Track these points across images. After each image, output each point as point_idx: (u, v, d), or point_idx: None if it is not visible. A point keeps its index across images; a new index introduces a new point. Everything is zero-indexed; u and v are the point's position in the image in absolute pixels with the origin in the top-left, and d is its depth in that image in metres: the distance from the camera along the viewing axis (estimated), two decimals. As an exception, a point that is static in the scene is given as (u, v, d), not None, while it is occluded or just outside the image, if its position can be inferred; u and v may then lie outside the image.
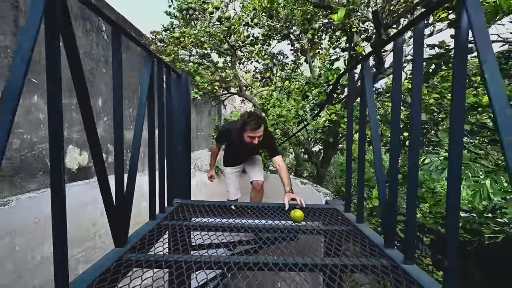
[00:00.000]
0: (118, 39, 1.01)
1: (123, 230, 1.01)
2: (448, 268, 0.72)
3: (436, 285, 0.77)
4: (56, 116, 0.67)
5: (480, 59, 0.61)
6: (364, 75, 1.25)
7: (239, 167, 2.23)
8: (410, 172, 0.89)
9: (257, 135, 1.75)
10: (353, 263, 0.95)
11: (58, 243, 0.66)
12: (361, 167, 1.34)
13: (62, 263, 0.66)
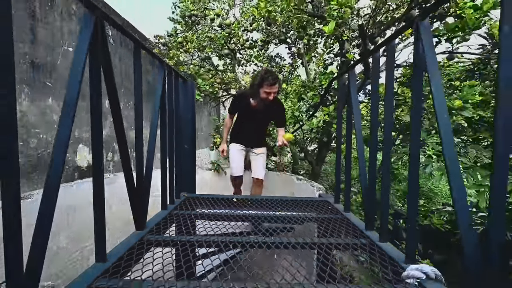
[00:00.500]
0: (138, 52, 1.18)
1: (142, 216, 1.19)
2: (409, 242, 0.91)
3: (401, 255, 0.95)
4: (97, 138, 0.84)
5: (429, 75, 0.79)
6: (350, 82, 1.44)
7: (245, 148, 2.21)
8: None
9: (273, 91, 1.85)
10: (338, 242, 1.13)
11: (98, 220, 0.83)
12: (348, 164, 1.53)
13: (100, 234, 0.84)
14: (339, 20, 1.56)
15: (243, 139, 2.19)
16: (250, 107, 2.02)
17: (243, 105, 2.06)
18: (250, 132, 2.15)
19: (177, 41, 3.12)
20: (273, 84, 1.84)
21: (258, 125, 2.15)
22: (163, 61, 1.41)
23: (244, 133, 2.17)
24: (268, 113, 2.02)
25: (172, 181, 1.61)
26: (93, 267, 0.85)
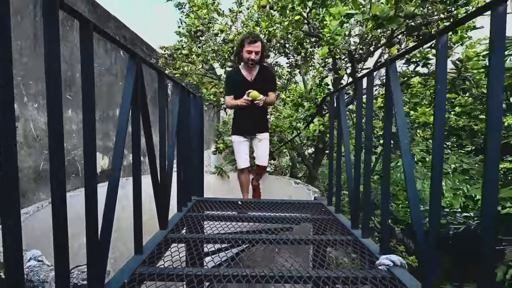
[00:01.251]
0: (163, 80, 1.40)
1: (165, 218, 1.42)
2: (383, 238, 1.14)
3: (378, 248, 1.19)
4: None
5: (396, 109, 1.03)
6: (340, 101, 1.67)
7: (248, 138, 2.16)
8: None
9: (255, 49, 1.85)
10: (328, 239, 1.37)
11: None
12: (338, 171, 1.77)
13: (137, 230, 1.06)
14: (331, 46, 1.80)
15: (245, 126, 2.11)
16: (244, 81, 1.99)
17: (237, 81, 2.01)
18: (251, 112, 2.02)
19: (182, 53, 3.34)
20: (253, 41, 1.85)
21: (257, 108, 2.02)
22: (177, 83, 1.64)
23: (244, 116, 2.07)
24: (262, 82, 1.99)
25: (186, 186, 1.84)
26: (133, 259, 1.07)
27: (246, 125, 2.11)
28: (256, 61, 1.92)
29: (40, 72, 2.23)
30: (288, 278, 0.99)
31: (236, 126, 2.18)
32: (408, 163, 0.99)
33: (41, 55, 2.22)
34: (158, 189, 1.32)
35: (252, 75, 2.01)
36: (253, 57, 1.88)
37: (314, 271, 1.04)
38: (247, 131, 2.14)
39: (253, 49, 1.86)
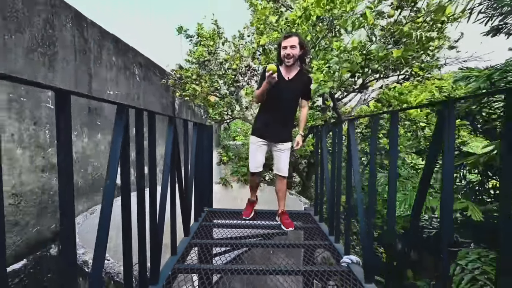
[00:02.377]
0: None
1: (188, 227, 1.88)
2: (346, 243, 1.61)
3: (344, 250, 1.65)
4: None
5: (352, 156, 1.50)
6: (322, 136, 2.14)
7: (267, 143, 1.98)
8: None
9: (290, 44, 1.74)
10: (313, 244, 1.83)
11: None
12: (321, 190, 2.23)
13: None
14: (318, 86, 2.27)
15: (268, 130, 1.93)
16: (280, 78, 1.81)
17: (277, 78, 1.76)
18: (277, 116, 1.89)
19: (191, 77, 3.82)
20: (288, 36, 1.76)
21: (286, 104, 1.87)
22: (196, 123, 2.10)
23: (269, 119, 1.91)
24: (299, 84, 1.84)
25: (201, 200, 2.30)
26: (171, 258, 1.53)
27: (269, 129, 1.94)
28: (293, 57, 1.77)
29: (76, 105, 2.69)
30: (284, 271, 1.45)
31: (258, 127, 1.98)
32: (359, 196, 1.45)
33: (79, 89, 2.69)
34: (184, 205, 1.78)
35: (290, 74, 1.85)
36: (288, 51, 1.75)
37: (303, 267, 1.50)
38: (269, 136, 1.96)
39: (288, 44, 1.75)
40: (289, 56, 1.76)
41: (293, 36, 1.77)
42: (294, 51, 1.76)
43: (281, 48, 1.80)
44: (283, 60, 1.80)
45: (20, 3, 1.96)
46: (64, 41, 2.41)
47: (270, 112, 1.91)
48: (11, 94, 1.89)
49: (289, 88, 1.84)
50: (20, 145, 1.97)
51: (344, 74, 2.09)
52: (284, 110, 1.88)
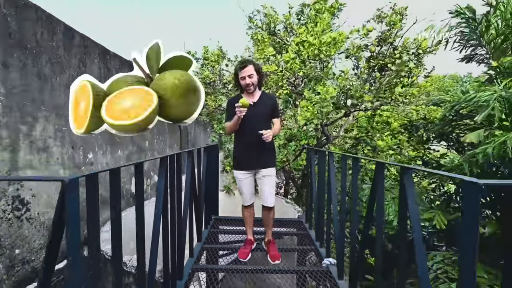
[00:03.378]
0: (199, 152, 2.28)
1: (201, 233, 2.30)
2: (326, 247, 2.03)
3: (325, 254, 2.07)
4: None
5: (330, 175, 1.92)
6: (311, 160, 2.56)
7: (251, 173, 1.95)
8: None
9: (247, 74, 1.75)
10: (303, 248, 2.25)
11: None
12: (311, 201, 2.65)
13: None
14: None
15: (247, 159, 1.91)
16: None
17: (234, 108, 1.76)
18: (251, 142, 1.85)
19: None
20: (243, 67, 1.76)
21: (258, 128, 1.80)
22: (206, 148, 2.52)
23: (245, 148, 1.90)
24: (265, 106, 1.85)
25: (210, 210, 2.72)
26: (189, 260, 1.95)
27: (248, 158, 1.91)
28: (254, 85, 1.80)
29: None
30: (278, 271, 1.87)
31: (237, 160, 1.97)
32: (335, 212, 1.87)
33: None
34: (198, 217, 2.20)
35: (253, 98, 1.86)
36: (247, 81, 1.77)
37: (296, 267, 1.92)
38: (250, 165, 1.92)
39: (245, 74, 1.76)
40: (249, 85, 1.79)
41: (248, 65, 1.78)
42: (252, 79, 1.79)
43: (239, 78, 1.81)
44: (244, 89, 1.83)
45: (62, 49, 2.38)
46: (93, 74, 2.82)
47: (244, 141, 1.91)
48: (56, 125, 2.31)
49: (256, 112, 1.83)
50: (62, 166, 2.39)
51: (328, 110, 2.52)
52: (257, 139, 1.81)
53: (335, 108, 2.41)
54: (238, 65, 1.82)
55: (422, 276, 0.97)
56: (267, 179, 1.95)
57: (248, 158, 1.92)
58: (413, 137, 3.87)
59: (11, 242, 1.89)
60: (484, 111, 2.24)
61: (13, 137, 1.91)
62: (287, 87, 2.85)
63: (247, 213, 2.10)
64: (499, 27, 2.80)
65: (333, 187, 1.91)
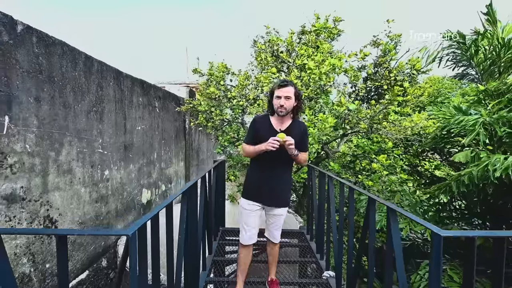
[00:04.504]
0: (210, 174, 2.49)
1: (211, 246, 2.51)
2: (326, 260, 2.24)
3: (325, 266, 2.28)
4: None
5: (330, 201, 2.13)
6: (312, 175, 2.77)
7: (260, 207, 1.70)
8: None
9: (285, 94, 1.52)
10: (305, 260, 2.46)
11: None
12: (311, 215, 2.86)
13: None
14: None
15: (260, 191, 1.66)
16: (271, 130, 1.60)
17: (262, 129, 1.61)
18: (271, 174, 1.64)
19: (203, 111, 4.44)
20: (283, 86, 1.53)
21: (280, 159, 1.61)
22: (215, 167, 2.72)
23: (263, 177, 1.65)
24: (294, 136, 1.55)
25: (217, 222, 2.93)
26: (203, 273, 2.16)
27: (263, 190, 1.66)
28: (287, 109, 1.56)
29: (116, 144, 3.31)
30: (282, 282, 2.08)
31: (249, 188, 1.72)
32: (334, 230, 2.08)
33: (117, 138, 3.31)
34: (209, 229, 2.41)
35: (282, 125, 1.62)
36: (282, 102, 1.53)
37: (297, 279, 2.13)
38: (262, 199, 1.68)
39: (282, 94, 1.53)
40: (283, 107, 1.54)
41: (289, 85, 1.55)
42: (288, 102, 1.55)
43: (274, 97, 1.58)
44: (276, 110, 1.57)
45: (83, 77, 2.59)
46: (108, 96, 3.04)
47: (262, 170, 1.65)
48: (78, 148, 2.52)
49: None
50: (83, 185, 2.60)
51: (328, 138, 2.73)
52: (279, 167, 1.63)
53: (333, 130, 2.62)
54: (278, 83, 1.59)
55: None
56: (278, 218, 1.75)
57: (261, 191, 1.67)
58: (409, 151, 4.08)
59: (43, 257, 2.10)
60: (471, 135, 2.44)
61: (44, 163, 2.11)
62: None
63: (245, 255, 1.76)
64: (487, 52, 3.01)
65: (332, 209, 2.11)
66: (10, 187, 1.83)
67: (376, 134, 2.83)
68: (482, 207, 3.23)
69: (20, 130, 1.90)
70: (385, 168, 2.76)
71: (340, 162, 3.26)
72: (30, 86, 1.97)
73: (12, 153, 1.85)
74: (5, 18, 1.78)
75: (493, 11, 2.82)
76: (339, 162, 3.26)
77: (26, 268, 1.95)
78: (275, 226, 1.79)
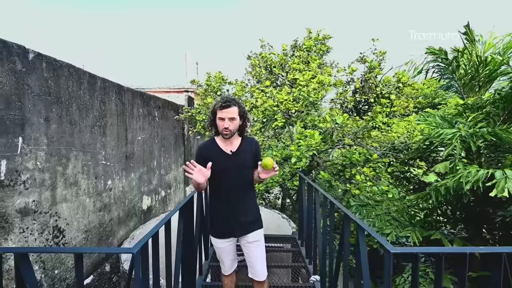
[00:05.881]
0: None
1: (207, 251, 2.69)
2: (313, 265, 2.43)
3: (313, 271, 2.47)
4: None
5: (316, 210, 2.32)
6: (301, 184, 2.95)
7: (232, 240, 1.56)
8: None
9: (229, 116, 1.39)
10: (296, 265, 2.65)
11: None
12: (302, 220, 3.05)
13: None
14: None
15: (227, 223, 1.52)
16: (221, 154, 1.47)
17: (212, 155, 1.46)
18: (232, 201, 1.50)
19: (202, 120, 4.63)
20: (225, 106, 1.40)
21: (238, 182, 1.50)
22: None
23: (224, 208, 1.51)
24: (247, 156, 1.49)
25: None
26: (199, 277, 2.35)
27: (227, 224, 1.52)
28: (233, 132, 1.44)
29: (118, 154, 3.49)
30: (273, 287, 2.26)
31: (214, 223, 1.58)
32: (319, 235, 2.27)
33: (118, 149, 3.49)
34: (205, 235, 2.59)
35: (232, 146, 1.50)
36: (226, 125, 1.40)
37: (288, 283, 2.32)
38: (234, 232, 1.53)
39: (226, 116, 1.40)
40: (228, 129, 1.42)
41: (232, 105, 1.42)
42: (233, 124, 1.43)
43: (217, 119, 1.44)
44: (221, 133, 1.45)
45: (87, 95, 2.77)
46: (111, 110, 3.22)
47: (222, 199, 1.52)
48: (83, 161, 2.70)
49: (235, 163, 1.48)
50: (88, 195, 2.79)
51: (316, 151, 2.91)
52: (240, 191, 1.50)
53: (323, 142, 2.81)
54: (220, 103, 1.44)
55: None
56: (255, 245, 1.54)
57: (227, 224, 1.52)
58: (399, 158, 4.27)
59: (52, 264, 2.29)
60: (448, 148, 2.63)
61: (53, 178, 2.30)
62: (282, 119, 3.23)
63: (229, 281, 1.71)
64: (467, 67, 3.20)
65: (318, 218, 2.30)
66: (23, 202, 2.02)
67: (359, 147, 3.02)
68: (462, 214, 3.42)
69: (32, 149, 2.09)
70: (369, 179, 2.95)
71: (331, 171, 3.44)
72: (40, 108, 2.16)
73: (25, 171, 2.03)
74: (19, 48, 1.97)
75: (470, 31, 3.01)
76: (330, 170, 3.45)
77: (37, 274, 2.14)
78: (256, 258, 1.54)
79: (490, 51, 3.33)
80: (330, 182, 3.46)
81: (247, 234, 1.54)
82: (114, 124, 3.29)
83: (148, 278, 1.18)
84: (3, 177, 1.86)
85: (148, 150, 4.29)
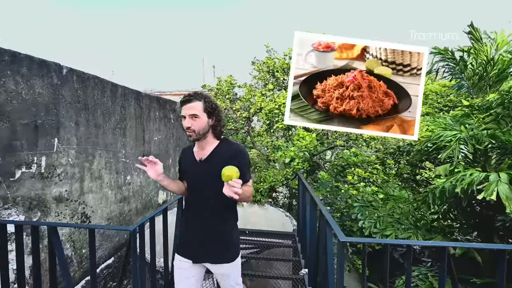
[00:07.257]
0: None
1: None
2: (305, 261, 2.59)
3: (303, 265, 2.62)
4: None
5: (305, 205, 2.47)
6: (300, 184, 3.11)
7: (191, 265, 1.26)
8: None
9: (190, 113, 1.16)
10: (294, 259, 2.82)
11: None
12: (300, 219, 3.20)
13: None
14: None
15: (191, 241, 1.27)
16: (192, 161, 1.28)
17: (185, 161, 1.33)
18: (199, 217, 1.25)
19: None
20: (185, 102, 1.19)
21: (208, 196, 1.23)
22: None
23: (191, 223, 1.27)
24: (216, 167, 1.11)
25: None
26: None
27: (191, 242, 1.28)
28: (196, 132, 1.20)
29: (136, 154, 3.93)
30: (271, 277, 2.47)
31: (182, 233, 1.34)
32: (308, 231, 2.42)
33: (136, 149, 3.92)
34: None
35: (203, 152, 1.27)
36: (187, 123, 1.18)
37: (283, 275, 2.51)
38: (192, 254, 1.27)
39: (186, 113, 1.19)
40: (190, 129, 1.19)
41: (194, 100, 1.18)
42: (197, 122, 1.19)
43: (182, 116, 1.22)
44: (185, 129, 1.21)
45: (110, 102, 3.21)
46: (130, 114, 3.65)
47: (190, 212, 1.29)
48: (106, 159, 3.14)
49: (205, 172, 1.23)
50: (110, 188, 3.22)
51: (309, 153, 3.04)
52: (207, 206, 1.23)
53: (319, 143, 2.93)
54: (183, 97, 1.22)
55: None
56: (224, 279, 1.27)
57: (191, 241, 1.27)
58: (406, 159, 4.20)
59: (81, 244, 2.73)
60: (447, 151, 2.61)
61: (81, 172, 2.74)
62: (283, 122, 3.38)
63: None
64: (475, 67, 3.09)
65: (307, 216, 2.46)
66: (58, 191, 2.46)
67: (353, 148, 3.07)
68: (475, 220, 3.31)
69: (65, 148, 2.53)
70: (361, 180, 3.00)
71: (331, 171, 3.54)
72: (71, 114, 2.60)
73: (60, 165, 2.47)
74: (55, 65, 2.41)
75: (475, 30, 2.91)
76: (331, 171, 3.54)
77: (68, 252, 2.58)
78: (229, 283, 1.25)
79: (504, 49, 3.18)
80: (331, 182, 3.55)
81: (213, 265, 1.23)
82: (133, 126, 3.72)
83: (144, 254, 1.47)
84: (43, 170, 2.31)
85: (164, 149, 4.71)
